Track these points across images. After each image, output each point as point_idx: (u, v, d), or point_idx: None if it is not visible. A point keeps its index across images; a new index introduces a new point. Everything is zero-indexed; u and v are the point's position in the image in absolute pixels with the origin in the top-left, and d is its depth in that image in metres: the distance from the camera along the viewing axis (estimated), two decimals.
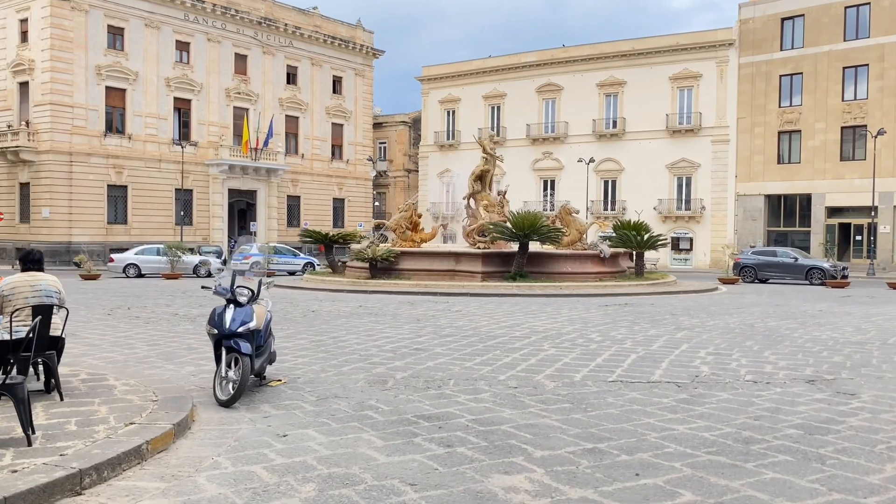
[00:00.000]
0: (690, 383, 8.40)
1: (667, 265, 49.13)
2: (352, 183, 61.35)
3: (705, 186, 50.53)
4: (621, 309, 17.59)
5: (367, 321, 14.42)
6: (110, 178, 46.84)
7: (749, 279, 32.36)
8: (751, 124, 48.76)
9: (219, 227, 52.06)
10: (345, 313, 16.01)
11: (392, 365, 9.40)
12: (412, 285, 23.44)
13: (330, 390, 7.87)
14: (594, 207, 52.39)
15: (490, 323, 14.24)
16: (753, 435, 6.13)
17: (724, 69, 50.04)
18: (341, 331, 12.84)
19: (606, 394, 7.78)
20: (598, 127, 54.00)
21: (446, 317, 15.35)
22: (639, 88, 52.54)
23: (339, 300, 19.76)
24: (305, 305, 17.93)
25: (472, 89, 59.65)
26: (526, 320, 14.81)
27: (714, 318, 15.81)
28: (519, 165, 56.74)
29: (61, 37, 44.42)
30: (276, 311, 16.09)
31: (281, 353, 10.33)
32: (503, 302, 19.44)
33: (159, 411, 6.29)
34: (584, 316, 15.80)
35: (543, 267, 25.11)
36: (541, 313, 16.31)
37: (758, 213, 48.70)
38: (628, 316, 15.91)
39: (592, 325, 13.98)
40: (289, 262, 35.87)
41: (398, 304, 18.32)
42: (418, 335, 12.31)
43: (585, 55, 54.79)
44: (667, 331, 13.24)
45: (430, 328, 13.27)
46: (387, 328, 13.28)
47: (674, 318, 15.48)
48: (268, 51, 55.16)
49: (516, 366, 9.42)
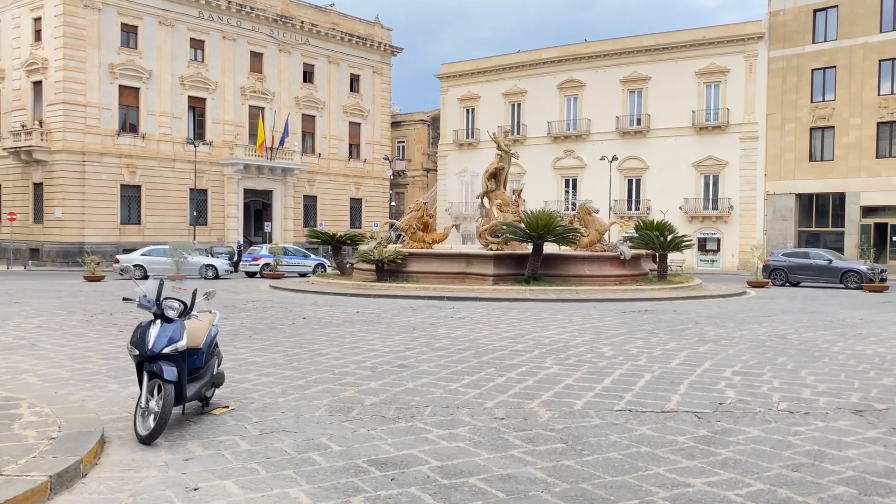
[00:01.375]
0: (713, 413, 7.04)
1: (693, 267, 47.40)
2: (369, 183, 60.28)
3: (733, 185, 48.68)
4: (640, 317, 16.18)
5: (357, 330, 13.19)
6: (123, 177, 46.21)
7: (779, 282, 30.66)
8: (781, 120, 46.83)
9: (234, 227, 51.25)
10: (338, 320, 14.80)
11: (365, 387, 8.15)
12: (419, 289, 22.19)
13: (280, 422, 6.63)
14: (618, 207, 50.76)
15: (492, 333, 12.93)
16: (793, 496, 4.77)
17: (752, 63, 48.16)
18: (324, 342, 11.61)
19: (610, 428, 6.45)
20: (621, 124, 52.35)
21: (446, 325, 14.07)
22: (664, 84, 50.82)
23: (338, 305, 18.57)
24: (299, 311, 16.76)
25: (492, 86, 58.27)
26: (532, 330, 13.47)
27: (742, 327, 14.34)
28: (540, 164, 55.27)
29: (74, 35, 43.85)
30: (265, 319, 14.97)
31: (247, 369, 9.13)
32: (513, 308, 18.12)
33: (48, 455, 5.10)
34: (598, 325, 14.42)
35: (559, 269, 23.71)
36: (551, 321, 14.96)
37: (788, 213, 46.77)
38: (647, 325, 14.50)
39: (605, 337, 12.61)
40: (299, 264, 34.78)
41: (399, 310, 17.08)
42: (408, 348, 11.05)
43: (608, 50, 53.15)
44: (688, 343, 11.84)
45: (423, 339, 12.00)
46: (376, 339, 12.03)
47: (697, 328, 14.06)
48: (284, 48, 54.26)
49: (509, 389, 8.11)
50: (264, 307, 17.83)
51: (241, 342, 11.54)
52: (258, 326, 13.60)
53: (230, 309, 17.14)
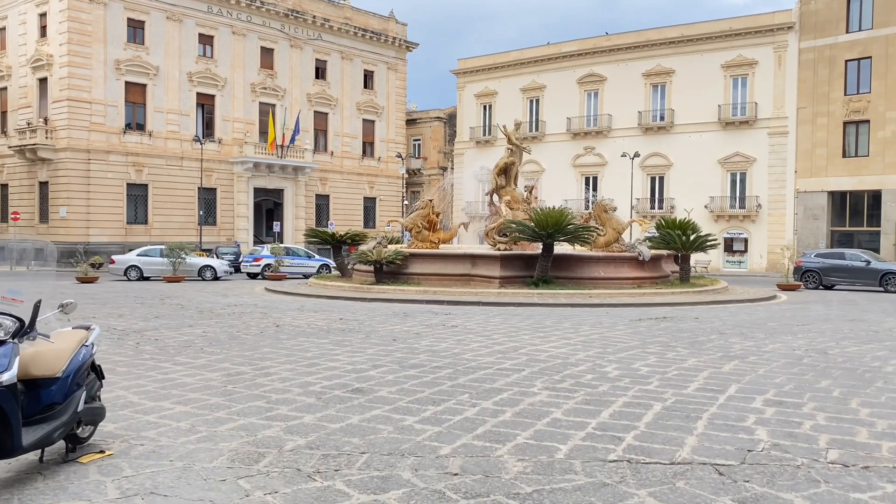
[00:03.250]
0: (739, 466, 5.28)
1: (719, 268, 45.25)
2: (383, 181, 58.76)
3: (761, 183, 46.43)
4: (656, 325, 14.36)
5: (328, 342, 11.54)
6: (130, 176, 45.12)
7: (812, 285, 28.55)
8: (812, 114, 44.50)
9: (244, 227, 50.00)
10: (313, 329, 13.16)
11: (296, 422, 6.48)
12: (419, 292, 20.52)
13: (157, 477, 4.98)
14: (640, 206, 48.71)
15: (481, 346, 11.21)
16: None
17: (782, 55, 45.87)
18: (281, 357, 9.97)
19: (597, 493, 4.72)
20: (644, 119, 50.27)
21: (432, 335, 12.37)
22: (688, 78, 48.68)
23: (325, 310, 16.94)
24: (278, 317, 15.16)
25: (510, 82, 56.44)
26: (530, 342, 11.73)
27: (773, 339, 12.48)
28: (559, 162, 53.39)
29: (79, 31, 42.83)
30: (233, 327, 13.36)
31: (166, 395, 7.50)
32: (517, 313, 16.37)
33: None
34: (607, 335, 12.63)
35: (572, 271, 21.89)
36: (554, 330, 13.20)
37: (820, 212, 44.43)
38: (663, 335, 12.69)
39: (613, 351, 10.84)
40: (303, 265, 33.23)
41: (388, 317, 15.41)
42: (375, 365, 9.36)
43: (630, 43, 51.08)
44: (710, 360, 10.02)
45: (398, 354, 10.31)
46: (343, 353, 10.36)
47: (721, 340, 12.22)
48: (295, 44, 52.93)
49: (478, 425, 6.40)
50: (242, 312, 16.27)
51: (185, 357, 9.94)
52: (218, 337, 12.02)
53: (203, 315, 15.59)
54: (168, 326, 13.44)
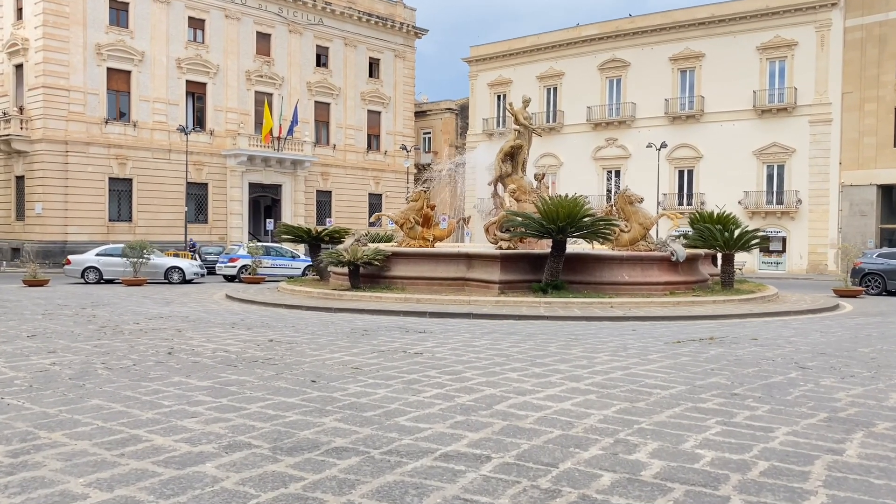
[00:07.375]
0: None
1: (754, 270, 40.95)
2: (390, 176, 54.94)
3: (801, 176, 42.04)
4: (703, 350, 10.35)
5: (209, 385, 7.65)
6: (112, 170, 41.70)
7: (874, 290, 24.27)
8: (860, 100, 40.08)
9: (237, 224, 46.42)
10: (217, 359, 9.29)
11: None
12: (398, 300, 16.62)
13: None
14: (667, 202, 44.46)
15: (437, 396, 7.24)
16: None
17: (825, 35, 41.46)
18: (88, 419, 6.10)
19: None
20: (671, 108, 46.03)
21: (376, 373, 8.43)
22: (719, 62, 44.41)
23: (265, 326, 13.08)
24: (188, 337, 11.30)
25: (525, 69, 52.41)
26: (517, 386, 7.77)
27: (885, 376, 8.43)
28: (578, 155, 49.32)
29: (55, 12, 39.48)
30: (110, 354, 9.26)
31: None
32: (514, 331, 12.42)
33: None
34: (635, 373, 8.61)
35: (589, 274, 17.85)
36: (559, 362, 9.24)
37: (868, 208, 40.01)
38: (719, 372, 8.67)
39: (645, 408, 6.83)
40: (284, 266, 29.43)
41: (338, 337, 11.52)
42: (229, 446, 5.44)
43: (656, 25, 46.87)
44: (812, 430, 6.00)
45: (293, 416, 6.36)
46: (198, 419, 6.44)
47: (809, 382, 8.17)
48: (294, 29, 49.28)
49: None
50: (155, 329, 12.45)
51: None
52: (63, 373, 8.19)
53: (100, 332, 11.80)
54: (23, 352, 9.67)
